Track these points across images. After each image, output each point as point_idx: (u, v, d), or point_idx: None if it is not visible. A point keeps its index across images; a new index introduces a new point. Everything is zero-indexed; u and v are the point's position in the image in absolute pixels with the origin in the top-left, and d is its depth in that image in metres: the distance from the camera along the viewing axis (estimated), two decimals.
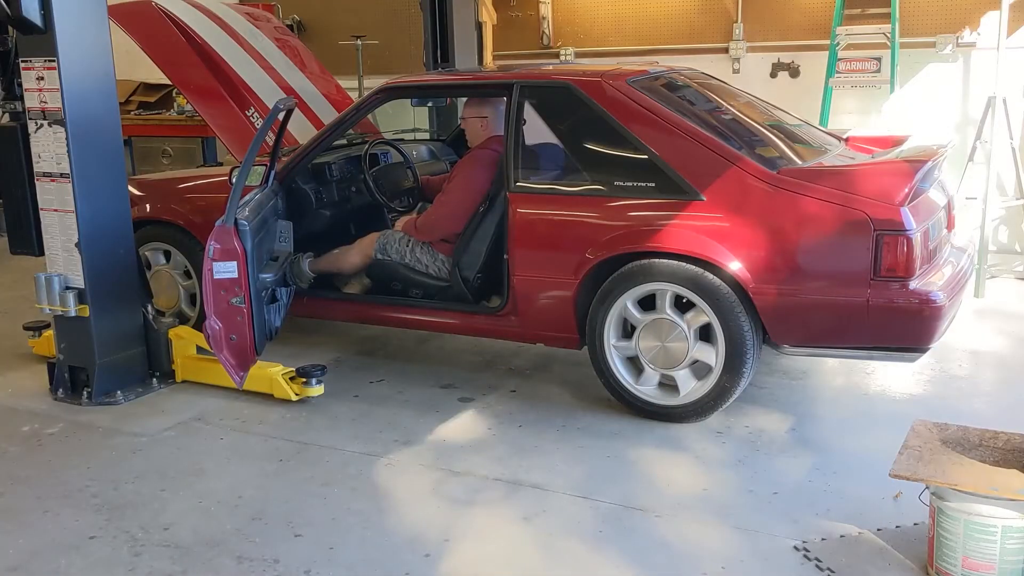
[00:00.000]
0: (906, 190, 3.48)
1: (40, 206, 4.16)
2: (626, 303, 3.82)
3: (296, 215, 4.52)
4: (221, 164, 7.15)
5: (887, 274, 3.45)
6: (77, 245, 4.08)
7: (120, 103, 4.34)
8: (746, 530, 3.05)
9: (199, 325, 4.73)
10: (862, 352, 3.66)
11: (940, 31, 6.31)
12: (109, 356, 4.22)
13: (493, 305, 4.21)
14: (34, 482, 3.50)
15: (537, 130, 4.11)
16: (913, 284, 3.46)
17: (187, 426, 3.99)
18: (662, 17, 7.17)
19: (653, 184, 3.78)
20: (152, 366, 4.41)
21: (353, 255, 4.55)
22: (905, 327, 3.51)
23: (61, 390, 4.27)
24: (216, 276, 3.76)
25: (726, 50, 6.99)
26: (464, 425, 3.96)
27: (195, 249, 4.74)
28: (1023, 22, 6.02)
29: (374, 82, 5.29)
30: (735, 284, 3.64)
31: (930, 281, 3.54)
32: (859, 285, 3.49)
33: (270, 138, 4.39)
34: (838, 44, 6.36)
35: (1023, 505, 2.55)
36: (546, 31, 7.56)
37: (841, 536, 2.98)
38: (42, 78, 3.97)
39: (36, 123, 4.05)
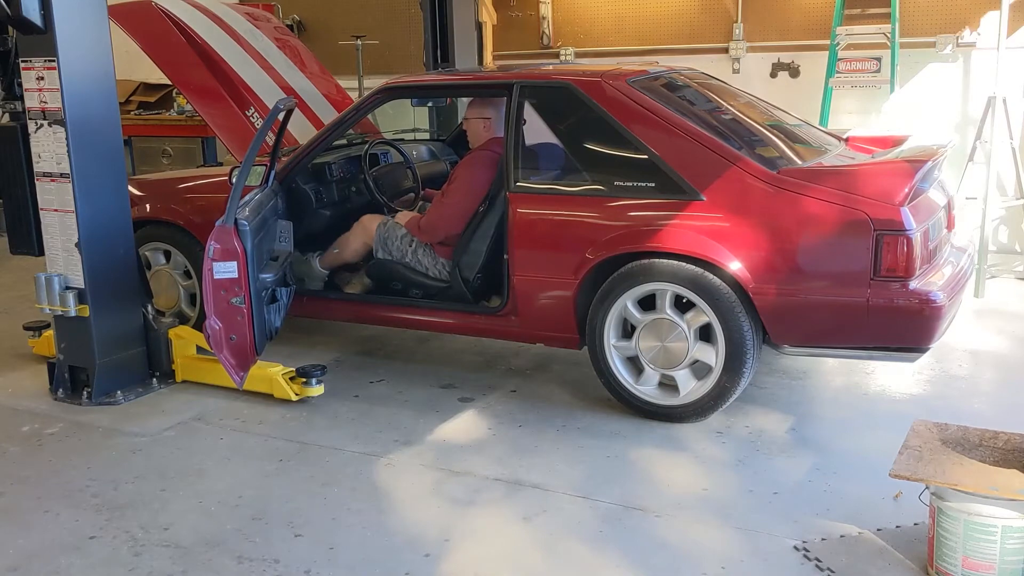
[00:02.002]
0: (906, 190, 3.48)
1: (40, 206, 4.16)
2: (626, 303, 3.82)
3: (296, 215, 4.52)
4: (221, 164, 7.15)
5: (887, 274, 3.45)
6: (77, 245, 4.09)
7: (120, 103, 4.34)
8: (746, 530, 3.05)
9: (199, 325, 4.73)
10: (862, 352, 3.66)
11: (940, 31, 6.31)
12: (109, 356, 4.22)
13: (493, 305, 4.22)
14: (34, 482, 3.50)
15: (537, 130, 4.11)
16: (913, 284, 3.46)
17: (187, 426, 3.99)
18: (662, 17, 7.18)
19: (653, 184, 3.78)
20: (152, 366, 4.41)
21: (354, 241, 4.55)
22: (905, 327, 3.51)
23: (61, 390, 4.27)
24: (216, 276, 3.76)
25: (726, 50, 6.99)
26: (464, 425, 3.96)
27: (195, 249, 4.74)
28: (1023, 22, 6.02)
29: (374, 82, 5.30)
30: (735, 284, 3.64)
31: (930, 281, 3.54)
32: (859, 285, 3.49)
33: (270, 138, 4.39)
34: (838, 44, 6.36)
35: (1023, 505, 2.55)
36: (546, 31, 7.56)
37: (841, 536, 2.98)
38: (42, 78, 3.97)
39: (36, 123, 4.05)
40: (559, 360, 4.69)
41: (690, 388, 3.81)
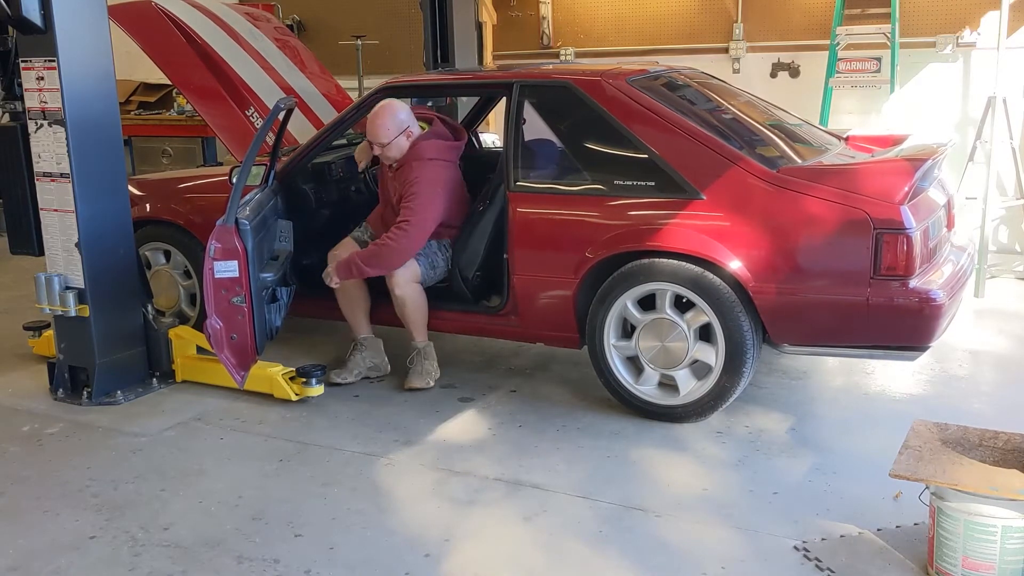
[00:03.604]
0: (906, 189, 3.48)
1: (40, 206, 4.16)
2: (626, 303, 3.82)
3: (296, 214, 4.52)
4: (221, 164, 7.15)
5: (887, 273, 3.45)
6: (77, 245, 4.08)
7: (120, 103, 4.34)
8: (746, 530, 3.04)
9: (199, 325, 4.73)
10: (862, 351, 3.66)
11: (940, 31, 6.31)
12: (109, 356, 4.22)
13: (493, 304, 4.21)
14: (34, 482, 3.50)
15: (537, 129, 4.11)
16: (913, 283, 3.46)
17: (187, 426, 3.99)
18: (662, 17, 7.18)
19: (653, 183, 3.78)
20: (152, 366, 4.41)
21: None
22: (905, 325, 3.51)
23: (61, 390, 4.27)
24: (217, 275, 3.77)
25: (726, 50, 6.99)
26: (464, 425, 3.96)
27: (195, 249, 4.74)
28: (1023, 22, 6.02)
29: (374, 82, 5.29)
30: (735, 283, 3.64)
31: (930, 279, 3.54)
32: (859, 284, 3.49)
33: (270, 138, 4.39)
34: (838, 44, 6.36)
35: (1023, 505, 2.54)
36: (546, 31, 7.56)
37: (841, 536, 2.98)
38: (42, 78, 3.97)
39: (36, 123, 4.05)
40: (559, 360, 4.69)
41: (690, 388, 3.81)
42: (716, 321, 3.67)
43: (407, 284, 4.19)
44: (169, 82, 6.63)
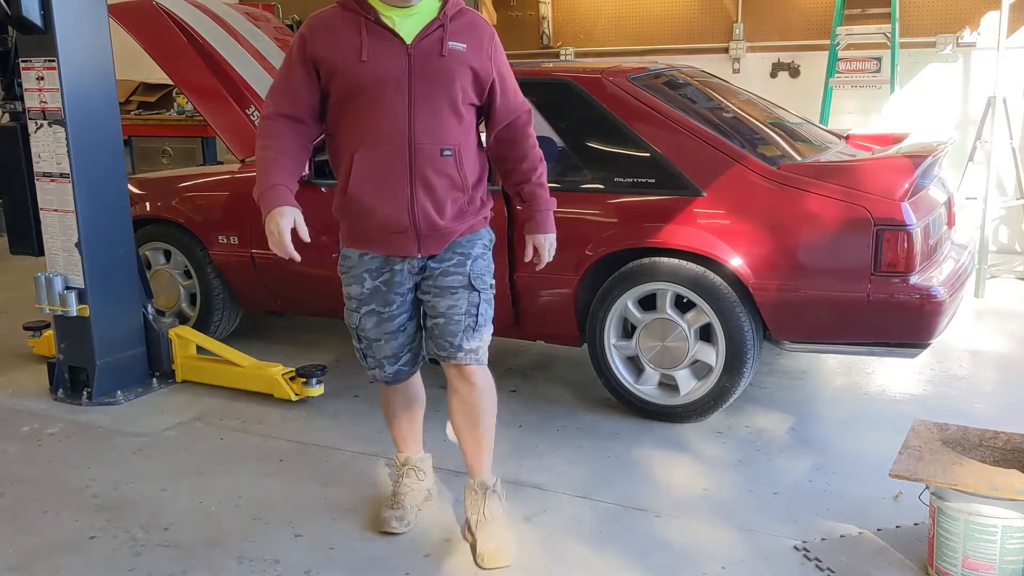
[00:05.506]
0: (906, 186, 3.48)
1: (40, 206, 4.16)
2: (626, 303, 3.82)
3: None
4: (221, 164, 7.15)
5: (887, 269, 3.45)
6: (77, 245, 4.09)
7: (120, 103, 4.34)
8: (746, 530, 3.04)
9: (199, 325, 4.74)
10: (863, 348, 3.67)
11: (940, 31, 6.31)
12: (109, 356, 4.22)
13: None
14: (34, 482, 3.50)
15: (537, 127, 4.09)
16: (913, 279, 3.46)
17: (187, 426, 3.98)
18: (662, 17, 7.17)
19: (653, 180, 3.78)
20: (152, 366, 4.41)
21: None
22: (906, 322, 3.51)
23: (61, 390, 4.27)
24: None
25: (726, 50, 6.99)
26: None
27: (195, 248, 4.74)
28: (1023, 22, 6.02)
29: None
30: (735, 281, 3.64)
31: (930, 276, 3.55)
32: (859, 280, 3.49)
33: None
34: (838, 44, 6.36)
35: (1023, 505, 2.54)
36: (546, 31, 7.55)
37: (841, 536, 2.98)
38: (42, 78, 3.97)
39: (36, 123, 4.05)
40: (559, 360, 4.68)
41: (690, 388, 3.81)
42: (716, 321, 3.67)
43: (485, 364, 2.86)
44: (169, 82, 6.63)
